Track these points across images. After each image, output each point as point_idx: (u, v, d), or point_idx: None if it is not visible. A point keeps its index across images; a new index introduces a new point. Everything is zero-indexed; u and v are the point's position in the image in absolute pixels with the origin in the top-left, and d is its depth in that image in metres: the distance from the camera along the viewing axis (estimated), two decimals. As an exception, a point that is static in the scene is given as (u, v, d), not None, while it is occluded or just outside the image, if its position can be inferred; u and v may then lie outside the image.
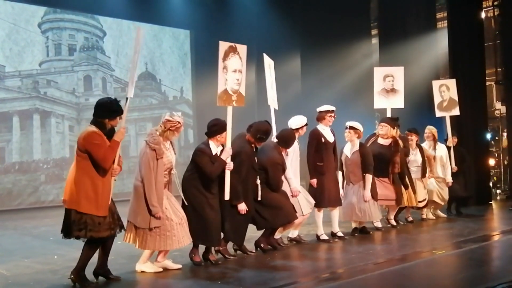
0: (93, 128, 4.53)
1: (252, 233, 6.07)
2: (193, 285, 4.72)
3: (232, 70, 5.55)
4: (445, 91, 8.42)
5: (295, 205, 5.94)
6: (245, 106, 5.95)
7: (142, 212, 4.86)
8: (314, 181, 6.31)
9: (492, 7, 11.39)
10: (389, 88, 7.75)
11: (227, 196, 5.33)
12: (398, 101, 7.78)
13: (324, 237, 6.46)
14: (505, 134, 11.02)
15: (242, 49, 5.68)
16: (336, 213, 6.57)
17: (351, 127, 6.63)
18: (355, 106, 11.11)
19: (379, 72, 7.88)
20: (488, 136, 10.64)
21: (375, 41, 12.25)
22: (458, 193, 8.25)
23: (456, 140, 8.29)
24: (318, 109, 6.57)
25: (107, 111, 4.58)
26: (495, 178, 11.25)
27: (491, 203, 9.82)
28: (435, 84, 8.55)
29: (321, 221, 6.49)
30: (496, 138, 11.61)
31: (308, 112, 7.35)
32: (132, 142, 12.90)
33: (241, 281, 4.73)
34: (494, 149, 11.49)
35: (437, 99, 8.43)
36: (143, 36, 4.69)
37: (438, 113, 8.43)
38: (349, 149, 6.70)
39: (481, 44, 10.11)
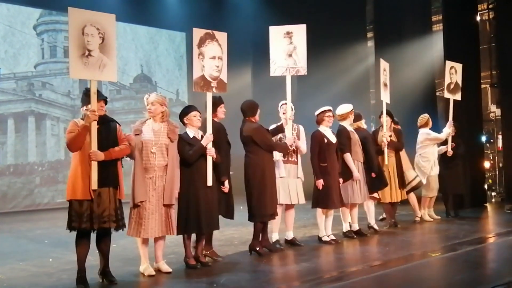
0: (74, 119, 4.71)
1: (249, 235, 6.07)
2: (189, 287, 4.72)
3: (210, 56, 5.57)
4: (454, 74, 8.43)
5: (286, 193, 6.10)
6: (240, 105, 6.02)
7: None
8: (320, 182, 6.29)
9: (487, 10, 11.44)
10: (384, 82, 7.67)
11: (209, 182, 5.31)
12: (386, 96, 7.68)
13: (326, 238, 6.47)
14: (500, 136, 11.06)
15: (221, 36, 5.68)
16: (331, 216, 6.57)
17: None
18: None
19: (382, 64, 7.76)
20: (483, 138, 10.68)
21: (370, 44, 12.28)
22: (454, 190, 8.35)
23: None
24: (316, 113, 6.61)
25: (82, 99, 4.78)
26: (490, 181, 11.29)
27: (486, 206, 9.85)
28: (448, 64, 8.51)
29: (323, 222, 6.49)
30: (491, 140, 11.65)
31: (304, 114, 7.37)
32: (127, 144, 12.83)
33: (237, 284, 4.72)
34: (489, 152, 11.53)
35: (447, 80, 8.41)
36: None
37: (446, 94, 8.43)
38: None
39: (476, 47, 10.16)
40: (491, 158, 11.53)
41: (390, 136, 7.48)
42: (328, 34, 11.72)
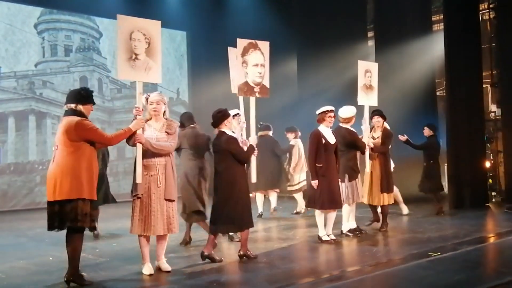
0: (76, 118, 4.64)
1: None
2: (189, 286, 4.71)
3: (253, 64, 6.00)
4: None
5: None
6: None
7: None
8: (315, 183, 6.29)
9: (487, 10, 11.42)
10: (368, 84, 7.41)
11: (254, 179, 5.86)
12: (373, 99, 7.45)
13: (326, 238, 6.47)
14: (500, 136, 11.03)
15: (264, 45, 6.17)
16: (333, 215, 6.55)
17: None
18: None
19: (362, 66, 7.47)
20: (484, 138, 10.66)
21: (371, 43, 12.26)
22: (420, 189, 8.86)
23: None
24: (317, 111, 6.59)
25: (80, 97, 4.75)
26: (490, 181, 11.27)
27: (489, 205, 9.83)
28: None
29: (322, 222, 6.48)
30: (492, 140, 11.63)
31: (304, 114, 7.37)
32: (128, 143, 12.85)
33: (236, 283, 4.72)
34: (489, 152, 11.50)
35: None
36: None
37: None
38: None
39: (477, 46, 10.13)
40: (492, 158, 11.51)
41: (377, 137, 7.34)
42: (328, 33, 11.70)
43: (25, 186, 11.48)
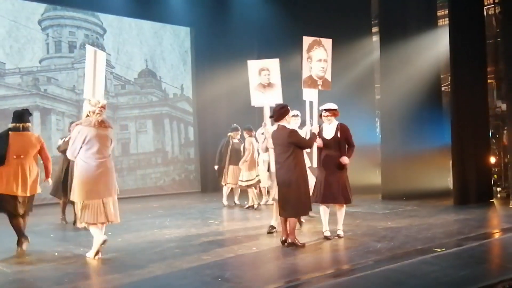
0: (34, 133, 6.48)
1: (253, 230, 6.06)
2: (193, 282, 4.72)
3: (317, 59, 6.60)
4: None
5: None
6: (245, 101, 6.22)
7: None
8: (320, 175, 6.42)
9: (493, 5, 11.35)
10: (265, 83, 7.06)
11: (315, 164, 6.42)
12: (275, 96, 7.02)
13: (328, 233, 6.47)
14: (505, 131, 10.99)
15: (327, 42, 6.78)
16: (342, 211, 6.57)
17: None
18: (356, 103, 11.09)
19: (253, 66, 7.12)
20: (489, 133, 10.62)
21: (375, 38, 12.21)
22: None
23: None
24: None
25: (28, 116, 6.40)
26: (495, 176, 11.23)
27: (493, 201, 9.81)
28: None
29: (326, 218, 6.50)
30: (497, 136, 11.59)
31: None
32: (132, 139, 12.90)
33: (240, 279, 4.73)
34: (494, 147, 11.46)
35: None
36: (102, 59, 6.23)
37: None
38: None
39: (482, 41, 10.07)
40: (497, 153, 11.47)
41: None
42: (333, 28, 11.62)
43: (30, 182, 11.49)
